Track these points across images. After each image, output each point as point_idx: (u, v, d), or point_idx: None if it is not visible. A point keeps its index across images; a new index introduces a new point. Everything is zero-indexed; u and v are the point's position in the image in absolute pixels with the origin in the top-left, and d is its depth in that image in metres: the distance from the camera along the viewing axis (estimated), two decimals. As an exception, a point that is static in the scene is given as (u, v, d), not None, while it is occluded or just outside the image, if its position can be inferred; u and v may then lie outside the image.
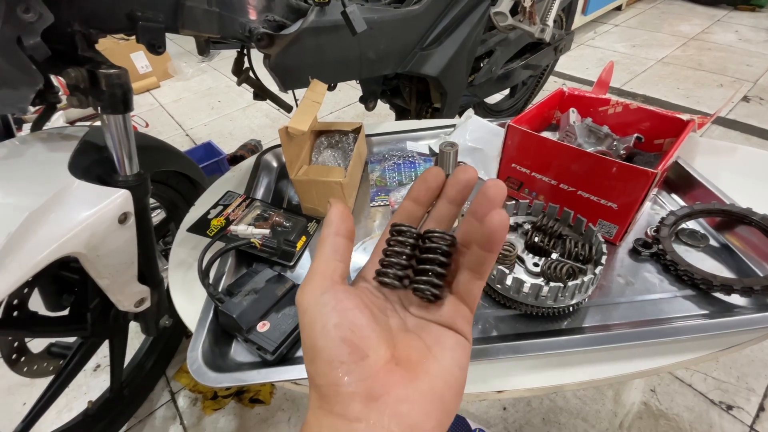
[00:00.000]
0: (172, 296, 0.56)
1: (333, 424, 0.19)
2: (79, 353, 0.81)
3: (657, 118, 0.64)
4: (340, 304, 0.21)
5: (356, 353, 0.19)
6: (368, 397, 0.19)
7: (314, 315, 0.20)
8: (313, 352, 0.20)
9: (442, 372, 0.20)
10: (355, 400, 0.19)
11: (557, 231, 0.53)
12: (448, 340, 0.22)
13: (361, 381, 0.19)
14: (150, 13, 0.57)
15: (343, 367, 0.19)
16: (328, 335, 0.20)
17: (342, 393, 0.19)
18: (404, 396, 0.19)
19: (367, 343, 0.20)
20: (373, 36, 0.81)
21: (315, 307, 0.21)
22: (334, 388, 0.19)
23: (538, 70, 1.50)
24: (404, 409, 0.19)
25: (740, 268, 0.53)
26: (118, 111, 0.56)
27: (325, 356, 0.19)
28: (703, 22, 2.72)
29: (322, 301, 0.21)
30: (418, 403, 0.19)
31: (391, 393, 0.19)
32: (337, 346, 0.19)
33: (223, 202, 0.65)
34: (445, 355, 0.21)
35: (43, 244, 0.53)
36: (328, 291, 0.21)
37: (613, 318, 0.49)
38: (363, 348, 0.20)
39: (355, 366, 0.19)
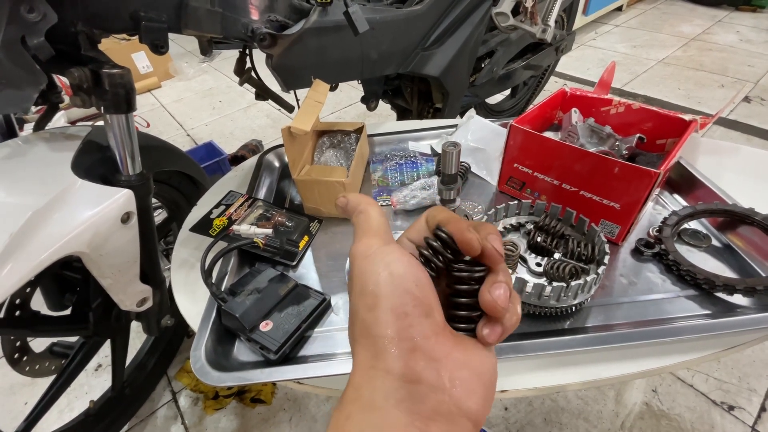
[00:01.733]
0: (175, 296, 0.56)
1: (390, 387, 0.18)
2: (81, 353, 0.81)
3: (659, 118, 0.64)
4: (403, 257, 0.20)
5: (421, 307, 0.18)
6: (429, 358, 0.18)
7: (378, 261, 0.19)
8: (375, 297, 0.19)
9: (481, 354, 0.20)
10: (417, 358, 0.18)
11: (560, 231, 0.53)
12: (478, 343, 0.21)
13: (423, 338, 0.18)
14: (153, 13, 0.57)
15: (408, 319, 0.18)
16: (395, 282, 0.19)
17: (403, 348, 0.18)
18: (461, 362, 0.18)
19: (430, 302, 0.19)
20: (375, 36, 0.81)
21: (380, 253, 0.20)
22: (395, 342, 0.18)
23: (539, 71, 1.50)
24: (462, 374, 0.18)
25: (743, 268, 0.53)
26: (121, 111, 0.57)
27: (389, 304, 0.18)
28: (705, 22, 2.72)
29: (387, 250, 0.20)
30: (472, 376, 0.19)
31: (449, 358, 0.18)
32: (402, 295, 0.18)
33: (225, 201, 0.65)
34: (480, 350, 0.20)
35: (45, 244, 0.53)
36: (390, 243, 0.20)
37: (615, 318, 0.49)
38: (427, 305, 0.19)
39: (419, 321, 0.18)
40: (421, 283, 0.19)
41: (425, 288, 0.19)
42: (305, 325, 0.48)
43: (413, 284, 0.19)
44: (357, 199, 0.23)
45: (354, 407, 0.18)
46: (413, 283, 0.19)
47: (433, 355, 0.18)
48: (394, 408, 0.17)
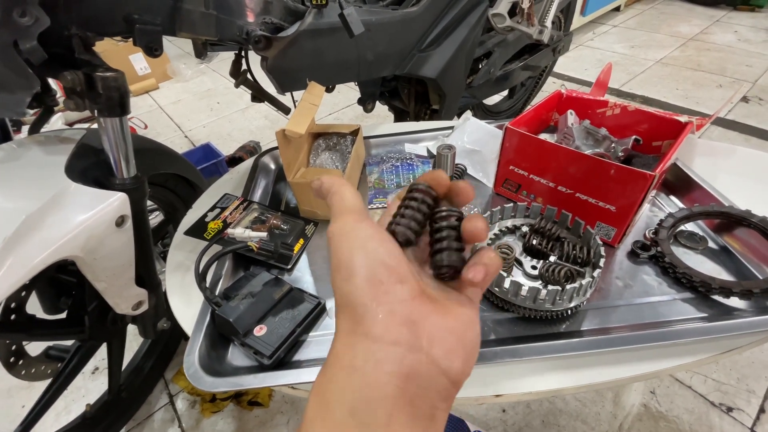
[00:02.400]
0: (170, 299, 0.56)
1: (369, 349, 0.18)
2: (77, 356, 0.80)
3: (655, 119, 0.64)
4: (378, 233, 0.21)
5: (394, 275, 0.20)
6: (405, 320, 0.19)
7: (353, 236, 0.21)
8: (350, 269, 0.20)
9: (463, 318, 0.21)
10: (393, 320, 0.19)
11: (555, 233, 0.52)
12: (461, 298, 0.22)
13: (398, 302, 0.19)
14: (147, 16, 0.57)
15: (383, 287, 0.19)
16: (368, 255, 0.20)
17: (380, 312, 0.19)
18: (440, 324, 0.19)
19: (404, 271, 0.20)
20: (371, 38, 0.81)
21: (354, 231, 0.21)
22: (372, 307, 0.19)
23: (536, 71, 1.50)
24: (440, 335, 0.19)
25: (739, 271, 0.53)
26: (114, 114, 0.56)
27: (364, 273, 0.19)
28: (702, 22, 2.72)
29: (360, 227, 0.21)
30: (452, 337, 0.20)
31: (427, 319, 0.19)
32: (377, 265, 0.20)
33: (220, 204, 0.64)
34: (461, 309, 0.21)
35: (39, 248, 0.53)
36: (366, 219, 0.21)
37: (611, 321, 0.49)
38: (401, 273, 0.20)
39: (393, 287, 0.19)
40: (393, 254, 0.20)
41: (398, 258, 0.21)
42: (300, 329, 0.48)
43: (386, 255, 0.20)
44: (330, 180, 0.24)
45: (335, 370, 0.19)
46: (386, 255, 0.20)
47: (411, 317, 0.19)
48: (373, 369, 0.18)
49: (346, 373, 0.19)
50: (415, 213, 0.23)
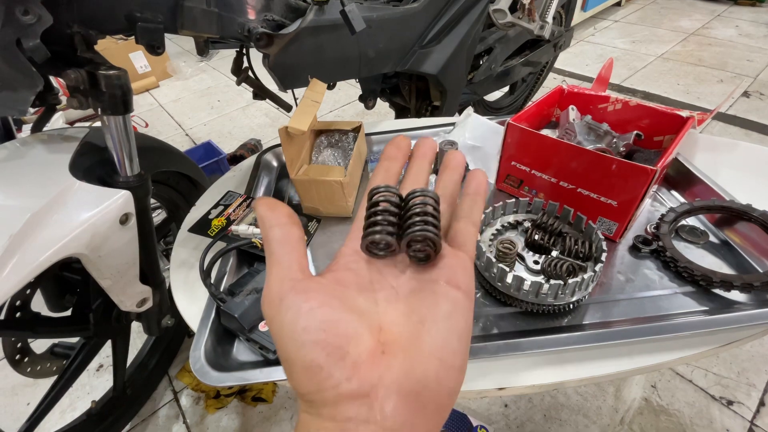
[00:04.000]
0: (174, 296, 0.56)
1: (323, 426, 0.18)
2: (82, 353, 0.81)
3: (656, 114, 0.64)
4: (305, 305, 0.19)
5: (334, 353, 0.18)
6: (355, 395, 0.17)
7: (280, 324, 0.19)
8: (288, 363, 0.18)
9: (436, 349, 0.19)
10: (342, 401, 0.17)
11: (557, 228, 0.53)
12: (443, 306, 0.20)
13: (345, 381, 0.18)
14: (149, 14, 0.57)
15: (323, 372, 0.18)
16: (298, 341, 0.18)
17: (327, 398, 0.18)
18: (395, 384, 0.18)
19: (345, 338, 0.18)
20: (372, 35, 0.81)
21: (277, 316, 0.19)
22: (318, 395, 0.18)
23: (537, 67, 1.50)
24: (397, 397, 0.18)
25: (740, 265, 0.53)
26: (118, 112, 0.57)
27: (300, 365, 0.18)
28: (704, 17, 2.71)
29: (284, 307, 0.19)
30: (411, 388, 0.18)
31: (380, 385, 0.18)
32: (311, 351, 0.18)
33: (223, 202, 0.65)
34: (440, 327, 0.19)
35: (44, 246, 0.53)
36: (288, 294, 0.19)
37: (613, 315, 0.49)
38: (340, 345, 0.18)
39: (335, 366, 0.18)
40: (328, 325, 0.18)
41: (337, 326, 0.18)
42: (304, 324, 0.48)
43: (320, 332, 0.18)
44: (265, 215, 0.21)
45: None
46: (320, 331, 0.18)
47: (359, 392, 0.18)
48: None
49: None
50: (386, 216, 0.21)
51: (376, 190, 0.21)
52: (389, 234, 0.21)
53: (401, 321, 0.20)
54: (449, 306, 0.20)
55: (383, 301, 0.21)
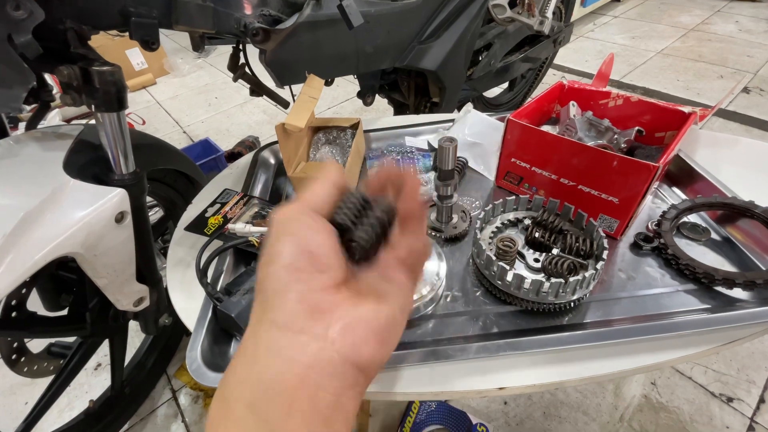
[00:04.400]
0: (171, 295, 0.55)
1: (272, 338, 0.18)
2: (79, 353, 0.80)
3: (658, 110, 0.63)
4: (312, 223, 0.21)
5: (315, 265, 0.20)
6: (315, 309, 0.19)
7: (287, 226, 0.20)
8: (272, 256, 0.20)
9: (385, 310, 0.21)
10: (302, 310, 0.19)
11: (558, 226, 0.52)
12: (391, 287, 0.22)
13: (311, 292, 0.19)
14: (143, 9, 0.56)
15: (298, 274, 0.19)
16: (293, 243, 0.20)
17: (289, 300, 0.19)
18: (350, 316, 0.19)
19: (328, 262, 0.20)
20: (370, 30, 0.80)
21: (289, 221, 0.21)
22: (282, 295, 0.19)
23: (537, 63, 1.49)
24: (350, 325, 0.19)
25: (742, 262, 0.53)
26: (112, 109, 0.56)
27: (283, 260, 0.19)
28: (704, 12, 2.70)
29: (298, 218, 0.21)
30: (361, 326, 0.20)
31: (337, 310, 0.19)
32: (298, 253, 0.19)
33: (220, 200, 0.64)
34: (389, 299, 0.22)
35: (39, 245, 0.53)
36: (305, 212, 0.21)
37: (614, 313, 0.48)
38: (323, 264, 0.20)
39: (309, 276, 0.19)
40: (321, 245, 0.20)
41: (325, 250, 0.20)
42: (302, 324, 0.48)
43: (315, 245, 0.20)
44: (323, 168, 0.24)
45: (236, 363, 0.19)
46: (315, 244, 0.20)
47: (320, 306, 0.19)
48: (274, 358, 0.18)
49: (247, 365, 0.19)
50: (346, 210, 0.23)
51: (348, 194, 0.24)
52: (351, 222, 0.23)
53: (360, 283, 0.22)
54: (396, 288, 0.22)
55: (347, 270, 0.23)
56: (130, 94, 2.36)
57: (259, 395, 0.18)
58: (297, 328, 0.18)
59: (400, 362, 0.43)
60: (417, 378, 0.43)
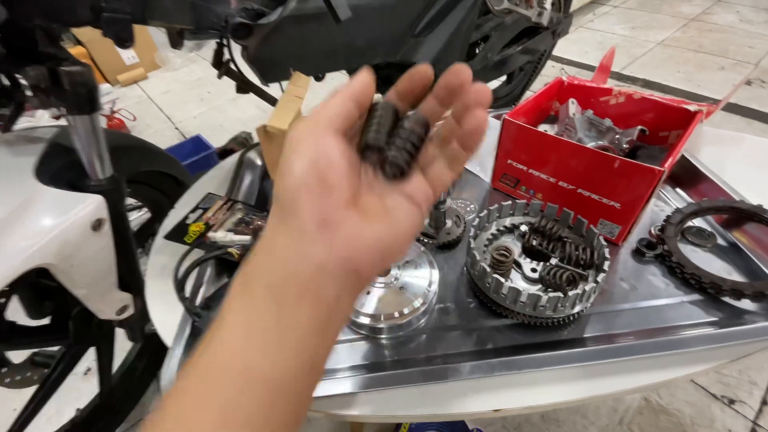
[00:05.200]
0: (150, 307, 0.53)
1: (289, 239, 0.21)
2: (64, 362, 0.78)
3: (662, 108, 0.60)
4: (324, 141, 0.22)
5: (323, 183, 0.21)
6: (324, 222, 0.21)
7: (302, 139, 0.22)
8: (288, 168, 0.21)
9: (393, 226, 0.23)
10: (311, 219, 0.21)
11: (556, 233, 0.49)
12: (404, 206, 0.24)
13: (319, 205, 0.21)
14: (115, 4, 0.53)
15: (308, 189, 0.21)
16: (306, 159, 0.21)
17: (301, 210, 0.21)
18: (355, 230, 0.21)
19: (336, 180, 0.21)
20: (360, 23, 0.76)
21: (303, 136, 0.22)
22: (295, 205, 0.21)
23: (535, 55, 1.45)
24: (352, 239, 0.21)
25: (750, 270, 0.50)
26: (83, 111, 0.53)
27: (295, 175, 0.21)
28: (704, 2, 2.65)
29: (311, 134, 0.22)
30: (365, 239, 0.22)
31: (344, 224, 0.21)
32: (308, 170, 0.21)
33: (203, 205, 0.61)
34: (399, 215, 0.23)
35: (9, 258, 0.50)
36: (319, 130, 0.22)
37: (616, 326, 0.46)
38: (331, 181, 0.21)
39: (319, 192, 0.21)
40: (331, 163, 0.21)
41: (334, 168, 0.22)
42: (286, 340, 0.45)
43: (323, 164, 0.21)
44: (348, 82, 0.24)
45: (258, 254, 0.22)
46: (323, 163, 0.21)
47: (331, 218, 0.21)
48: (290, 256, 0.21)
49: (268, 257, 0.22)
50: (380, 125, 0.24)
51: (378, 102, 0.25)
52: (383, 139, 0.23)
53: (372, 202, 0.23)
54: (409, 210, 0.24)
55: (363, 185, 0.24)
56: (121, 89, 2.31)
57: (276, 281, 0.21)
58: (309, 235, 0.21)
59: (392, 384, 0.41)
60: (409, 400, 0.41)
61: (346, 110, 0.23)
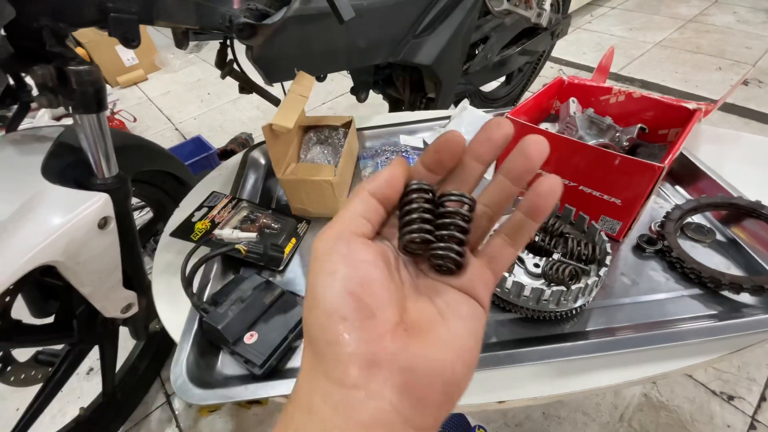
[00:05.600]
0: (157, 304, 0.53)
1: (327, 390, 0.17)
2: (68, 360, 0.78)
3: (661, 107, 0.61)
4: (354, 254, 0.19)
5: (362, 311, 0.17)
6: (369, 363, 0.17)
7: (323, 261, 0.18)
8: (314, 300, 0.18)
9: (454, 341, 0.18)
10: (354, 363, 0.17)
11: (558, 229, 0.50)
12: (462, 308, 0.20)
13: (363, 342, 0.17)
14: (122, 4, 0.53)
15: (345, 324, 0.17)
16: (333, 285, 0.18)
17: (340, 353, 0.17)
18: (410, 365, 0.17)
19: (376, 302, 0.18)
20: (363, 24, 0.77)
21: (326, 254, 0.19)
22: (332, 347, 0.17)
23: (534, 56, 1.46)
24: (409, 379, 0.17)
25: (749, 265, 0.51)
26: (90, 110, 0.53)
27: (326, 306, 0.17)
28: (701, 3, 2.67)
29: (335, 248, 0.19)
30: (424, 373, 0.17)
31: (395, 360, 0.17)
32: (341, 298, 0.17)
33: (208, 203, 0.62)
34: (459, 325, 0.19)
35: (16, 255, 0.50)
36: (344, 239, 0.19)
37: (617, 320, 0.47)
38: (371, 306, 0.18)
39: (359, 324, 0.17)
40: (366, 282, 0.18)
41: (373, 287, 0.18)
42: (293, 335, 0.46)
43: (357, 285, 0.18)
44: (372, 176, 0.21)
45: (293, 409, 0.18)
46: (357, 284, 0.18)
47: (376, 359, 0.17)
48: (331, 413, 0.17)
49: (304, 415, 0.17)
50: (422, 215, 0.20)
51: (410, 187, 0.21)
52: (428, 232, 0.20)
53: (422, 310, 0.19)
54: (469, 310, 0.20)
55: (407, 287, 0.21)
56: (121, 90, 2.31)
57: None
58: (351, 383, 0.17)
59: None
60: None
61: (372, 209, 0.20)
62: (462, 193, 0.20)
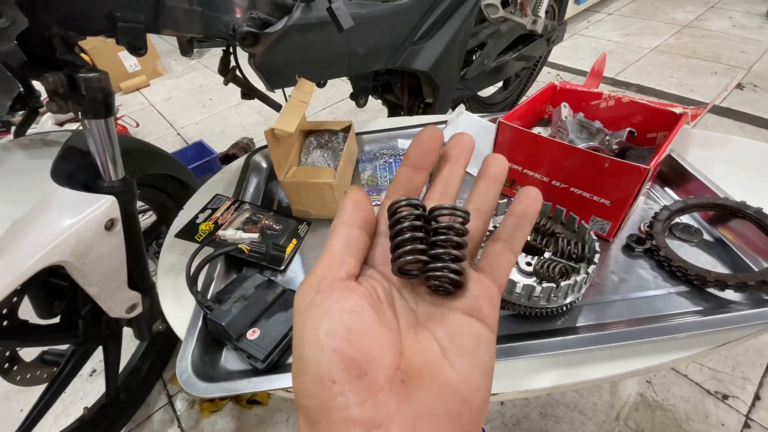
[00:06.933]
0: (162, 303, 0.55)
1: None
2: (73, 360, 0.80)
3: (649, 111, 0.63)
4: (336, 306, 0.17)
5: (352, 370, 0.16)
6: (367, 426, 0.15)
7: (306, 318, 0.17)
8: (300, 363, 0.16)
9: (461, 385, 0.17)
10: (351, 428, 0.15)
11: (550, 229, 0.52)
12: (467, 339, 0.18)
13: (358, 405, 0.15)
14: (129, 14, 0.56)
15: (335, 387, 0.16)
16: (317, 344, 0.16)
17: (335, 419, 0.15)
18: (412, 421, 0.16)
19: (367, 355, 0.16)
20: (362, 31, 0.79)
21: (306, 310, 0.17)
22: (324, 413, 0.15)
23: (531, 62, 1.49)
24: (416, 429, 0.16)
25: (734, 263, 0.53)
26: (99, 116, 0.55)
27: (312, 371, 0.16)
28: (697, 8, 2.70)
29: (315, 302, 0.17)
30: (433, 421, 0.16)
31: (396, 418, 0.16)
32: (327, 359, 0.16)
33: (211, 205, 0.63)
34: (465, 363, 0.17)
35: (27, 254, 0.52)
36: (324, 290, 0.18)
37: (607, 316, 0.48)
38: (361, 362, 0.16)
39: (350, 386, 0.16)
40: (353, 336, 0.17)
41: (361, 339, 0.17)
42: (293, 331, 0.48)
43: (342, 341, 0.16)
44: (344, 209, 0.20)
45: None
46: (342, 340, 0.16)
47: (372, 421, 0.15)
48: None
49: None
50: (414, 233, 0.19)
51: (398, 205, 0.20)
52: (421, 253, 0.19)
53: (422, 349, 0.18)
54: (473, 340, 0.18)
55: (404, 322, 0.19)
56: (124, 96, 2.34)
57: None
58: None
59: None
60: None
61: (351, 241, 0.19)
62: (454, 206, 0.19)
